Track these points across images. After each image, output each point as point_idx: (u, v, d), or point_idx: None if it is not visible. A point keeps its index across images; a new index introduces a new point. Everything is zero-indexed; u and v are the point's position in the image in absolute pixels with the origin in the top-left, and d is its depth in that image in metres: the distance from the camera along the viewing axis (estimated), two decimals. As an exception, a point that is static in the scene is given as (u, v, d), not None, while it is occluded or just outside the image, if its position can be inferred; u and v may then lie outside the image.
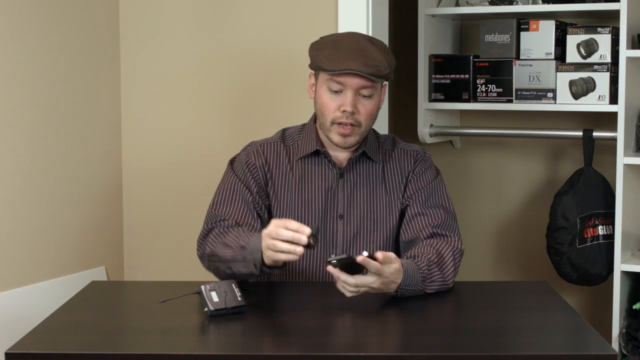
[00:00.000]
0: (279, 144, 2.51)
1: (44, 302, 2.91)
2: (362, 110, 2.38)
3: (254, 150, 2.50)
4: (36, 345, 1.94)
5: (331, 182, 2.47)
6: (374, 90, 2.39)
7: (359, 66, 2.32)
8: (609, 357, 1.87)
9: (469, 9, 3.61)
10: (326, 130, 2.42)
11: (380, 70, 2.35)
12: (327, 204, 2.46)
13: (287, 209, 2.46)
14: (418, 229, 2.44)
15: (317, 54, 2.39)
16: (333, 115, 2.39)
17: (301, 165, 2.48)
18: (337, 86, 2.37)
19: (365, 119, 2.40)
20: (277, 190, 2.47)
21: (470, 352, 1.93)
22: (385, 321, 2.19)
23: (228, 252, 2.31)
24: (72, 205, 3.19)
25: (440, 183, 2.52)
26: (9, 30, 2.91)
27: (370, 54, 2.35)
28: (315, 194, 2.46)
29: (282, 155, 2.49)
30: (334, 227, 2.46)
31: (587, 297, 3.79)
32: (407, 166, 2.51)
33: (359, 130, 2.40)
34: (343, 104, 2.37)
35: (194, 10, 3.34)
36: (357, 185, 2.48)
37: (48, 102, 3.08)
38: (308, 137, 2.49)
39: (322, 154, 2.47)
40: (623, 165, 3.21)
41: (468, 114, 3.95)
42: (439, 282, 2.30)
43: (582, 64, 3.40)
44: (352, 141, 2.41)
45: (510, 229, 3.95)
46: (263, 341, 2.02)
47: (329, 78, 2.38)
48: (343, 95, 2.37)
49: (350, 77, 2.35)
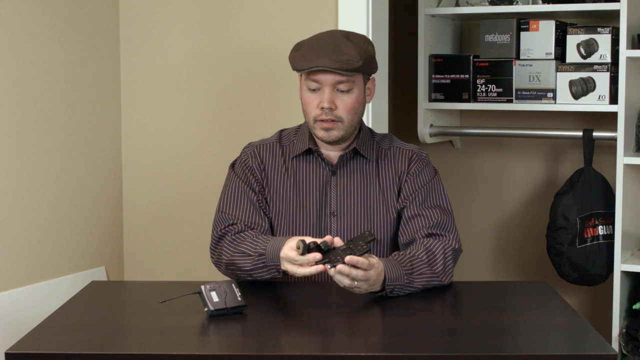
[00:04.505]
0: (275, 145, 2.53)
1: (44, 302, 2.91)
2: (341, 105, 2.41)
3: (250, 152, 2.53)
4: (36, 345, 1.94)
5: (324, 180, 2.49)
6: (352, 85, 2.40)
7: (327, 62, 2.35)
8: (609, 357, 1.87)
9: (469, 9, 3.62)
10: (311, 128, 2.46)
11: (350, 64, 2.36)
12: (321, 202, 2.47)
13: (282, 208, 2.48)
14: (415, 230, 2.44)
15: (294, 54, 2.44)
16: (314, 113, 2.42)
17: (295, 164, 2.50)
18: (314, 84, 2.40)
19: (346, 113, 2.41)
20: (273, 190, 2.49)
21: (470, 352, 1.93)
22: (385, 321, 2.19)
23: (248, 261, 2.35)
24: (72, 205, 3.19)
25: (438, 183, 2.52)
26: (9, 30, 2.91)
27: (342, 48, 2.36)
28: (309, 192, 2.48)
29: (277, 155, 2.51)
30: (328, 224, 2.47)
31: (587, 297, 3.79)
32: (401, 165, 2.51)
33: (342, 125, 2.42)
34: (321, 101, 2.40)
35: (194, 10, 3.34)
36: (349, 183, 2.49)
37: (48, 102, 3.08)
38: (302, 137, 2.51)
39: (315, 152, 2.49)
40: (623, 165, 3.21)
41: (468, 114, 3.95)
42: (427, 274, 2.30)
43: (582, 64, 3.40)
44: (335, 135, 2.42)
45: (510, 228, 3.95)
46: (263, 341, 2.02)
47: (306, 77, 2.42)
48: (321, 93, 2.40)
49: (324, 75, 2.38)
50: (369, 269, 2.17)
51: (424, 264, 2.31)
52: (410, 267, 2.28)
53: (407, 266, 2.28)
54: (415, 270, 2.28)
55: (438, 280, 2.33)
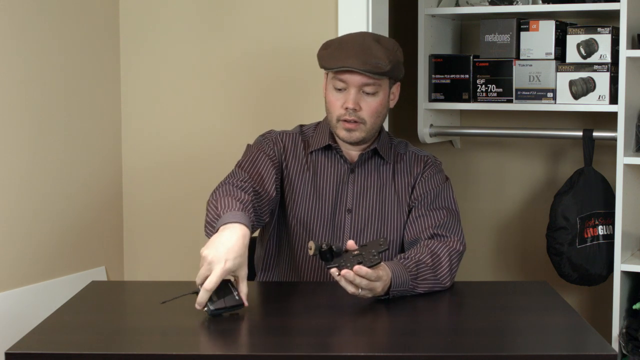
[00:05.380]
0: (297, 136, 2.55)
1: (44, 302, 2.91)
2: (365, 107, 2.42)
3: (273, 137, 2.54)
4: (36, 345, 1.94)
5: (342, 177, 2.50)
6: (378, 88, 2.42)
7: (357, 64, 2.35)
8: (609, 357, 1.87)
9: (469, 9, 3.62)
10: (333, 127, 2.47)
11: (379, 67, 2.37)
12: (337, 198, 2.49)
13: (299, 199, 2.49)
14: (420, 230, 2.45)
15: (323, 52, 2.44)
16: (338, 113, 2.43)
17: (314, 158, 2.52)
18: (340, 84, 2.41)
19: (370, 116, 2.43)
20: (292, 179, 2.50)
21: (470, 352, 1.93)
22: (385, 321, 2.19)
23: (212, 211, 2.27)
24: (72, 205, 3.19)
25: (448, 187, 2.53)
26: (8, 30, 2.91)
27: (372, 51, 2.37)
28: (326, 187, 2.49)
29: (299, 146, 2.53)
30: (342, 220, 2.47)
31: (587, 297, 3.79)
32: (416, 169, 2.53)
33: (364, 127, 2.43)
34: (346, 101, 2.40)
35: (193, 10, 3.33)
36: (367, 181, 2.50)
37: (48, 102, 3.08)
38: (321, 133, 2.53)
39: (334, 149, 2.50)
40: (623, 165, 3.21)
41: (468, 114, 3.95)
42: (431, 281, 2.30)
43: (582, 64, 3.40)
44: (357, 136, 2.44)
45: (510, 229, 3.95)
46: (263, 341, 2.02)
47: (333, 76, 2.42)
48: (346, 93, 2.41)
49: (351, 75, 2.39)
50: (376, 281, 2.16)
51: (428, 269, 2.31)
52: (415, 272, 2.28)
53: (412, 271, 2.28)
54: (420, 276, 2.28)
55: (441, 287, 2.33)
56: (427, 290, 2.30)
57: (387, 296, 2.23)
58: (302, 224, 2.48)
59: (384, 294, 2.22)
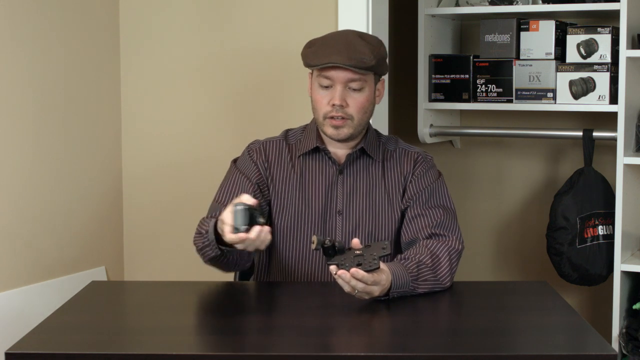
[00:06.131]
0: (281, 142, 2.54)
1: (44, 302, 2.91)
2: (352, 103, 2.41)
3: (256, 148, 2.54)
4: (36, 345, 1.94)
5: (331, 178, 2.49)
6: (364, 84, 2.41)
7: (342, 59, 2.36)
8: (609, 357, 1.86)
9: (469, 9, 3.62)
10: (320, 125, 2.46)
11: (364, 62, 2.37)
12: (327, 200, 2.47)
13: (287, 206, 2.48)
14: (417, 229, 2.44)
15: (307, 51, 2.44)
16: (324, 110, 2.43)
17: (302, 163, 2.51)
18: (326, 81, 2.41)
19: (357, 112, 2.42)
20: (278, 187, 2.49)
21: (470, 352, 1.93)
22: (385, 321, 2.19)
23: (199, 240, 2.35)
24: (72, 205, 3.19)
25: (442, 184, 2.52)
26: (8, 30, 2.91)
27: (356, 47, 2.38)
28: (315, 190, 2.48)
29: (284, 152, 2.52)
30: (334, 222, 2.47)
31: (587, 297, 3.79)
32: (406, 166, 2.52)
33: (352, 123, 2.42)
34: (332, 98, 2.40)
35: (194, 10, 3.33)
36: (356, 182, 2.49)
37: (48, 102, 3.08)
38: (309, 135, 2.52)
39: (322, 151, 2.49)
40: (623, 165, 3.21)
41: (468, 114, 3.95)
42: (431, 282, 2.30)
43: (582, 64, 3.40)
44: (345, 132, 2.43)
45: (510, 228, 3.95)
46: (263, 341, 2.02)
47: (318, 74, 2.42)
48: (332, 90, 2.41)
49: (337, 71, 2.39)
50: (373, 285, 2.16)
51: (429, 269, 2.30)
52: (416, 273, 2.28)
53: (413, 272, 2.27)
54: (420, 277, 2.28)
55: (441, 287, 2.33)
56: (427, 291, 2.30)
57: (387, 297, 2.23)
58: (292, 230, 2.47)
59: (384, 295, 2.22)
